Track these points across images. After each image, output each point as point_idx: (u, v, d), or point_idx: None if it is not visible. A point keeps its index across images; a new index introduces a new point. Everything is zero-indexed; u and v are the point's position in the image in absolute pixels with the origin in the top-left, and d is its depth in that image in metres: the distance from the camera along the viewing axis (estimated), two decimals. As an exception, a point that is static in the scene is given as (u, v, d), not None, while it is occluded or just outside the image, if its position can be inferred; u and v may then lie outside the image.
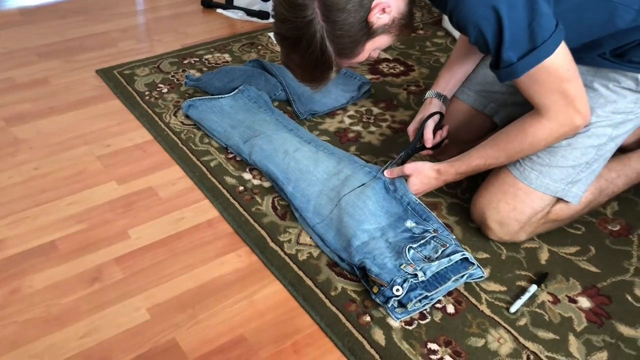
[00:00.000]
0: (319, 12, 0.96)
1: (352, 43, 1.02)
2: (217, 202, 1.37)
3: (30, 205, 1.35)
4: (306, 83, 1.11)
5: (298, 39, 0.99)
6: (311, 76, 1.07)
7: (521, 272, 1.19)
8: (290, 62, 1.06)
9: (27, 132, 1.61)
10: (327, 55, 1.00)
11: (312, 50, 0.99)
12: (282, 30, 1.01)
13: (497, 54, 1.00)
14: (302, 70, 1.06)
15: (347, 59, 1.05)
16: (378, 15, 1.00)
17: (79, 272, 1.18)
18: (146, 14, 2.44)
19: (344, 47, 1.01)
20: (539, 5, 0.95)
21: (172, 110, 1.70)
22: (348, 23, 0.98)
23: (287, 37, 1.02)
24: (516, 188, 1.19)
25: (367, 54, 1.07)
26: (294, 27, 0.98)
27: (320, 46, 0.99)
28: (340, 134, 1.62)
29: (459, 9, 0.97)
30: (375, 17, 1.00)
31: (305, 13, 0.96)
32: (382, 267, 1.10)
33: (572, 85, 1.03)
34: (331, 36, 0.98)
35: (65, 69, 1.93)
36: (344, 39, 1.00)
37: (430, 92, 1.40)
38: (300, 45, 0.99)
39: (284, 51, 1.06)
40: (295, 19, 0.97)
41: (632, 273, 1.19)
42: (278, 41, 1.05)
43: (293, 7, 0.96)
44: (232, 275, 1.18)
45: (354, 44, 1.02)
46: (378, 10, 1.00)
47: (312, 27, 0.97)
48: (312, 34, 0.98)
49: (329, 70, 1.04)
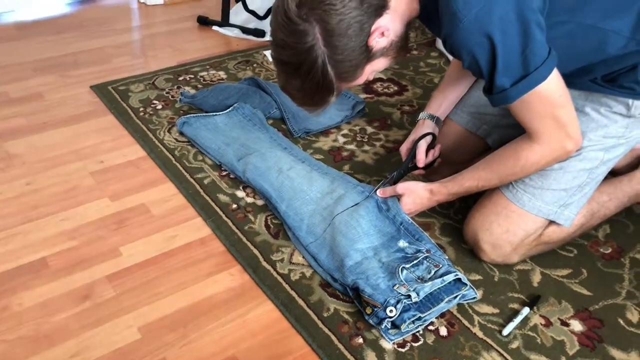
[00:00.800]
0: (320, 37, 0.96)
1: (352, 67, 1.02)
2: (210, 220, 1.36)
3: (21, 221, 1.34)
4: (306, 107, 1.11)
5: (299, 65, 0.99)
6: (311, 100, 1.07)
7: (514, 294, 1.19)
8: (290, 87, 1.05)
9: (20, 147, 1.61)
10: (328, 80, 1.01)
11: (314, 76, 0.99)
12: (283, 56, 1.01)
13: (490, 79, 1.01)
14: (302, 95, 1.06)
15: (346, 82, 1.05)
16: (377, 39, 1.01)
17: (69, 290, 1.17)
18: (142, 30, 2.45)
19: (344, 71, 1.02)
20: (533, 33, 0.96)
21: (167, 126, 1.71)
22: (349, 48, 0.98)
23: (287, 63, 1.01)
24: (509, 210, 1.20)
25: (365, 76, 1.07)
26: (295, 53, 0.98)
27: (322, 71, 0.99)
28: (334, 153, 1.63)
29: (454, 35, 0.98)
30: (375, 41, 1.01)
31: (307, 39, 0.96)
32: (375, 287, 1.10)
33: (564, 111, 1.04)
34: (332, 61, 0.99)
35: (60, 84, 1.93)
36: (344, 64, 1.00)
37: (424, 113, 1.42)
38: (302, 71, 0.99)
39: (284, 76, 1.05)
40: (296, 45, 0.97)
41: (624, 296, 1.20)
42: (277, 66, 1.05)
43: (294, 33, 0.96)
44: (224, 295, 1.18)
45: (354, 68, 1.03)
46: (377, 34, 1.01)
47: (313, 53, 0.97)
48: (314, 59, 0.98)
49: (329, 94, 1.04)
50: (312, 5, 0.94)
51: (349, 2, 0.94)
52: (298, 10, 0.94)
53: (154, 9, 2.62)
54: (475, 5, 0.93)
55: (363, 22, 0.97)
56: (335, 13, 0.94)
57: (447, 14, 0.97)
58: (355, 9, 0.95)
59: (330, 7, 0.94)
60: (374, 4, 0.98)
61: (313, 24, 0.95)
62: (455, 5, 0.94)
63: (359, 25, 0.97)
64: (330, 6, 0.94)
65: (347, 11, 0.95)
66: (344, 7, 0.94)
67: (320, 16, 0.95)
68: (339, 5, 0.94)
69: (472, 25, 0.95)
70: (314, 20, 0.95)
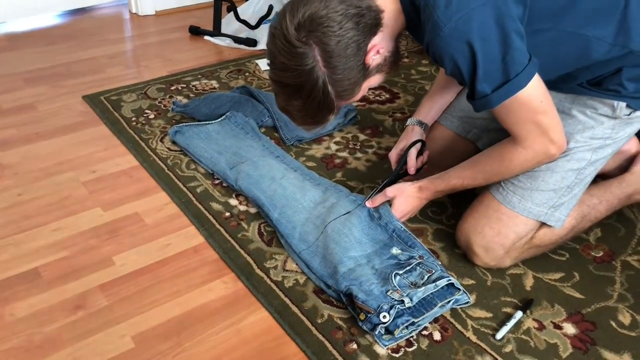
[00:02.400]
0: (319, 59, 0.98)
1: (351, 85, 1.04)
2: (203, 228, 1.36)
3: (13, 232, 1.33)
4: (306, 126, 1.13)
5: (300, 86, 1.01)
6: (312, 120, 1.09)
7: (507, 298, 1.20)
8: (291, 107, 1.06)
9: (12, 157, 1.60)
10: (329, 99, 1.02)
11: (315, 96, 1.01)
12: (284, 78, 1.02)
13: (471, 85, 1.03)
14: (303, 115, 1.07)
15: (345, 100, 1.07)
16: (373, 56, 1.04)
17: (62, 300, 1.16)
18: (134, 41, 2.45)
19: (343, 90, 1.04)
20: (512, 40, 0.98)
21: (159, 136, 1.71)
22: (348, 67, 1.01)
23: (288, 85, 1.03)
24: (500, 212, 1.21)
25: (362, 93, 1.10)
26: (296, 75, 1.00)
27: (323, 91, 1.01)
28: (326, 160, 1.63)
29: (435, 42, 1.00)
30: (371, 59, 1.04)
31: (307, 61, 0.98)
32: (368, 293, 1.11)
33: (546, 117, 1.06)
34: (332, 81, 1.01)
35: (52, 95, 1.93)
36: (344, 82, 1.02)
37: (412, 119, 1.43)
38: (303, 92, 1.01)
39: (284, 98, 1.06)
40: (297, 67, 0.99)
41: (616, 299, 1.20)
42: (278, 88, 1.06)
43: (294, 56, 0.98)
44: (217, 302, 1.17)
45: (352, 86, 1.05)
46: (373, 52, 1.03)
47: (314, 74, 0.99)
48: (315, 80, 0.99)
49: (330, 113, 1.06)
50: (311, 28, 0.96)
51: (345, 23, 0.97)
52: (297, 34, 0.96)
53: (146, 19, 2.63)
54: (456, 13, 0.95)
55: (360, 41, 1.00)
56: (333, 35, 0.97)
57: (429, 23, 0.99)
58: (352, 30, 0.98)
59: (328, 29, 0.96)
60: (369, 23, 1.00)
61: (312, 46, 0.97)
62: (436, 14, 0.97)
63: (356, 45, 0.99)
64: (328, 28, 0.96)
65: (345, 32, 0.97)
66: (341, 29, 0.97)
67: (319, 38, 0.97)
68: (337, 27, 0.97)
69: (453, 33, 0.97)
70: (314, 42, 0.97)
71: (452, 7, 0.95)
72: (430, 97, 1.45)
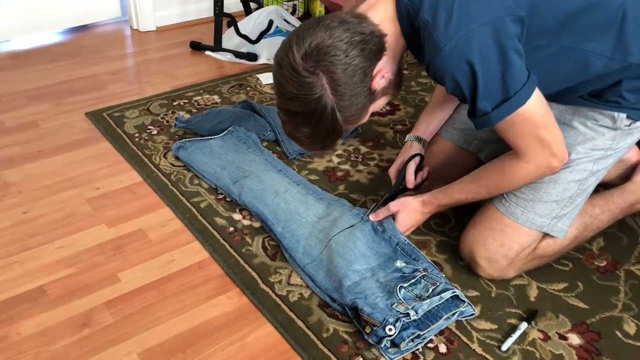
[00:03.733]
0: (327, 87, 0.99)
1: (358, 110, 1.06)
2: (207, 243, 1.37)
3: (19, 250, 1.34)
4: (314, 151, 1.14)
5: (309, 114, 1.02)
6: (321, 145, 1.10)
7: (511, 309, 1.20)
8: (299, 134, 1.07)
9: (16, 175, 1.61)
10: (338, 125, 1.04)
11: (323, 123, 1.02)
12: (292, 107, 1.03)
13: (472, 103, 1.05)
14: (311, 141, 1.08)
15: (353, 124, 1.09)
16: (379, 80, 1.05)
17: (68, 318, 1.16)
18: (135, 57, 2.47)
19: (351, 115, 1.05)
20: (511, 58, 0.99)
21: (162, 152, 1.72)
22: (355, 93, 1.02)
23: (296, 113, 1.04)
24: (503, 224, 1.21)
25: (368, 116, 1.11)
26: (305, 104, 1.01)
27: (332, 118, 1.02)
28: (329, 173, 1.64)
29: (436, 62, 1.01)
30: (377, 84, 1.06)
31: (315, 90, 0.99)
32: (374, 306, 1.11)
33: (547, 131, 1.07)
34: (340, 107, 1.02)
35: (55, 112, 1.94)
36: (351, 108, 1.04)
37: (410, 135, 1.45)
38: (312, 120, 1.02)
39: (292, 125, 1.07)
40: (306, 97, 1.00)
41: (621, 309, 1.21)
42: (285, 117, 1.07)
43: (302, 86, 0.99)
44: (223, 318, 1.18)
45: (360, 111, 1.06)
46: (379, 77, 1.05)
47: (322, 102, 1.00)
48: (323, 107, 1.00)
49: (338, 138, 1.08)
50: (318, 58, 0.98)
51: (351, 51, 0.98)
52: (304, 64, 0.98)
53: (147, 35, 2.64)
54: (456, 33, 0.97)
55: (365, 68, 1.01)
56: (340, 63, 0.98)
57: (429, 43, 1.01)
58: (357, 57, 0.99)
59: (335, 58, 0.98)
60: (374, 49, 1.02)
61: (320, 75, 0.98)
62: (436, 34, 0.98)
63: (363, 71, 1.01)
64: (335, 57, 0.98)
65: (351, 60, 0.99)
66: (348, 57, 0.98)
67: (326, 67, 0.98)
68: (343, 56, 0.98)
69: (453, 52, 0.98)
70: (321, 71, 0.98)
71: (451, 27, 0.97)
72: (428, 113, 1.46)
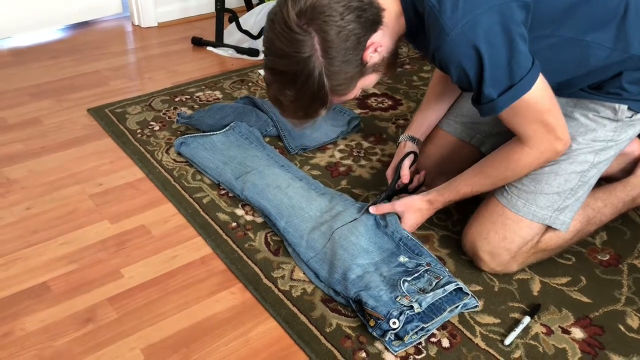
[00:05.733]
0: (318, 48, 0.97)
1: (347, 80, 1.03)
2: (210, 239, 1.37)
3: (22, 246, 1.34)
4: (295, 119, 1.11)
5: (296, 74, 0.99)
6: (303, 112, 1.06)
7: (514, 303, 1.20)
8: (283, 97, 1.04)
9: (19, 172, 1.61)
10: (324, 92, 1.01)
11: (310, 86, 0.99)
12: (279, 65, 1.00)
13: (478, 90, 1.04)
14: (295, 106, 1.05)
15: (339, 96, 1.06)
16: (371, 54, 1.03)
17: (71, 313, 1.17)
18: (137, 53, 2.47)
19: (339, 84, 1.02)
20: (517, 44, 0.99)
21: (164, 147, 1.72)
22: (345, 60, 0.99)
23: (283, 72, 1.01)
24: (505, 217, 1.21)
25: (356, 92, 1.08)
26: (293, 63, 0.98)
27: (318, 82, 0.99)
28: (331, 168, 1.64)
29: (442, 48, 1.00)
30: (369, 56, 1.03)
31: (305, 49, 0.96)
32: (377, 299, 1.11)
33: (551, 115, 1.07)
34: (328, 72, 0.99)
35: (57, 109, 1.95)
36: (340, 76, 1.01)
37: (404, 135, 1.45)
38: (298, 81, 0.99)
39: (277, 86, 1.04)
40: (295, 54, 0.97)
41: (624, 302, 1.21)
42: (271, 76, 1.04)
43: (293, 43, 0.96)
44: (226, 313, 1.18)
45: (348, 81, 1.03)
46: (372, 50, 1.02)
47: (311, 63, 0.97)
48: (311, 69, 0.98)
49: (322, 106, 1.04)
50: (312, 16, 0.95)
51: (347, 15, 0.96)
52: (298, 20, 0.95)
53: (149, 32, 2.64)
54: (462, 19, 0.96)
55: (360, 35, 0.99)
56: (334, 25, 0.96)
57: (434, 29, 0.99)
58: (353, 22, 0.97)
59: (329, 18, 0.95)
60: (370, 19, 0.99)
61: (312, 34, 0.96)
62: (443, 20, 0.97)
63: (356, 38, 0.98)
64: (329, 17, 0.95)
65: (346, 24, 0.96)
66: (343, 20, 0.96)
67: (319, 27, 0.95)
68: (338, 18, 0.95)
69: (460, 38, 0.97)
70: (314, 30, 0.96)
71: (458, 12, 0.96)
72: (421, 113, 1.46)
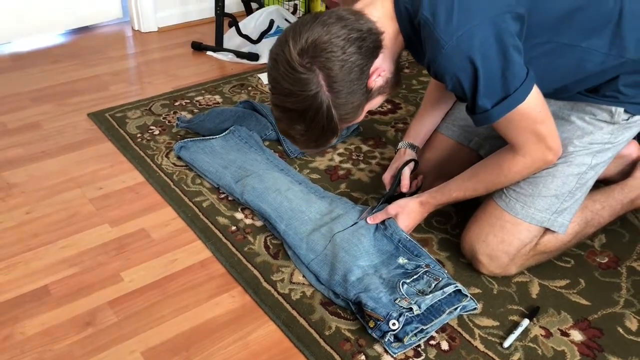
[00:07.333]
0: (323, 83, 0.98)
1: (354, 108, 1.05)
2: (210, 242, 1.37)
3: (22, 250, 1.35)
4: (308, 149, 1.13)
5: (304, 111, 1.00)
6: (315, 143, 1.08)
7: (513, 306, 1.20)
8: (293, 132, 1.06)
9: (19, 176, 1.62)
10: (333, 123, 1.02)
11: (319, 120, 1.01)
12: (287, 103, 1.02)
13: (473, 100, 1.05)
14: (306, 139, 1.07)
15: (348, 122, 1.08)
16: (375, 79, 1.05)
17: (72, 317, 1.17)
18: (137, 57, 2.48)
19: (347, 113, 1.04)
20: (511, 56, 1.00)
21: (164, 151, 1.72)
22: (351, 91, 1.01)
23: (291, 110, 1.02)
24: (503, 220, 1.22)
25: (364, 114, 1.10)
26: (300, 100, 0.99)
27: (327, 115, 1.01)
28: (330, 172, 1.64)
29: (437, 60, 1.01)
30: (373, 82, 1.05)
31: (311, 86, 0.98)
32: (377, 301, 1.12)
33: (544, 126, 1.08)
34: (336, 105, 1.01)
35: (57, 113, 1.95)
36: (347, 106, 1.03)
37: (403, 142, 1.46)
38: (307, 117, 1.01)
39: (287, 122, 1.05)
40: (301, 93, 0.98)
41: (622, 305, 1.21)
42: (280, 113, 1.05)
43: (298, 82, 0.98)
44: (225, 317, 1.18)
45: (356, 109, 1.05)
46: (375, 75, 1.04)
47: (318, 99, 0.99)
48: (319, 104, 0.99)
49: (333, 136, 1.06)
50: (315, 54, 0.96)
51: (348, 47, 0.97)
52: (300, 59, 0.97)
53: (149, 36, 2.65)
54: (457, 31, 0.97)
55: (362, 65, 1.00)
56: (337, 60, 0.97)
57: (430, 41, 1.01)
58: (354, 54, 0.98)
59: (332, 54, 0.97)
60: (371, 46, 1.01)
61: (316, 71, 0.97)
62: (437, 32, 0.98)
63: (360, 69, 1.00)
64: (331, 53, 0.97)
65: (348, 57, 0.98)
66: (345, 54, 0.97)
67: (323, 64, 0.97)
68: (340, 52, 0.97)
69: (455, 50, 0.98)
70: (317, 67, 0.97)
71: (452, 24, 0.97)
72: (419, 119, 1.47)
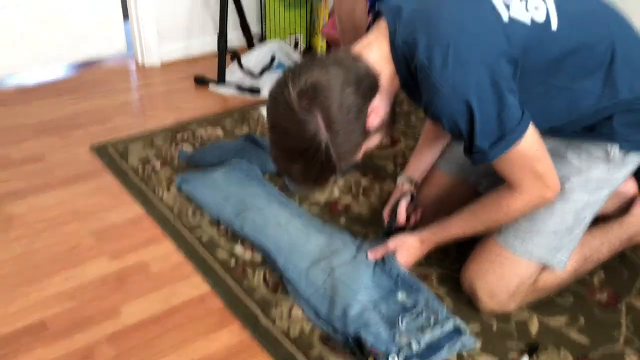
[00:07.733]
0: (322, 124, 0.99)
1: (352, 148, 1.06)
2: (209, 276, 1.37)
3: (22, 282, 1.35)
4: (306, 188, 1.14)
5: (303, 151, 1.02)
6: (313, 182, 1.10)
7: (512, 343, 1.20)
8: (292, 170, 1.07)
9: (21, 207, 1.63)
10: (332, 163, 1.04)
11: (317, 159, 1.02)
12: (286, 143, 1.04)
13: (469, 141, 1.07)
14: (305, 178, 1.08)
15: (346, 161, 1.09)
16: (372, 119, 1.07)
17: (70, 351, 1.17)
18: (140, 91, 2.51)
19: (345, 152, 1.05)
20: (506, 98, 1.02)
21: (165, 184, 1.73)
22: (349, 131, 1.03)
23: (290, 149, 1.04)
24: (502, 257, 1.22)
25: (361, 153, 1.12)
26: (299, 140, 1.01)
27: (326, 155, 1.02)
28: (330, 206, 1.65)
29: (434, 103, 1.03)
30: (371, 122, 1.07)
31: (310, 127, 0.99)
32: (377, 336, 1.12)
33: (541, 164, 1.10)
34: (334, 145, 1.02)
35: (60, 145, 1.97)
36: (345, 146, 1.04)
37: (402, 177, 1.48)
38: (305, 156, 1.02)
39: (285, 162, 1.07)
40: (300, 133, 1.00)
41: (623, 342, 1.20)
42: (279, 152, 1.07)
43: (297, 123, 0.99)
44: (224, 352, 1.18)
45: (354, 149, 1.07)
46: (373, 115, 1.06)
47: (316, 139, 1.00)
48: (318, 144, 1.00)
49: (332, 174, 1.07)
50: (313, 95, 0.98)
51: (347, 88, 1.00)
52: (299, 101, 0.98)
53: (152, 70, 2.69)
54: (452, 75, 0.99)
55: (360, 105, 1.02)
56: (335, 101, 0.99)
57: (426, 85, 1.03)
58: (352, 95, 1.00)
59: (330, 95, 0.99)
60: (368, 87, 1.04)
61: (315, 112, 0.99)
62: (433, 77, 1.00)
63: (357, 109, 1.02)
64: (330, 94, 0.99)
65: (346, 98, 1.00)
66: (343, 94, 0.99)
67: (321, 105, 0.98)
68: (338, 93, 0.99)
69: (451, 93, 1.00)
70: (316, 109, 0.99)
71: (448, 69, 0.99)
72: (418, 154, 1.49)
